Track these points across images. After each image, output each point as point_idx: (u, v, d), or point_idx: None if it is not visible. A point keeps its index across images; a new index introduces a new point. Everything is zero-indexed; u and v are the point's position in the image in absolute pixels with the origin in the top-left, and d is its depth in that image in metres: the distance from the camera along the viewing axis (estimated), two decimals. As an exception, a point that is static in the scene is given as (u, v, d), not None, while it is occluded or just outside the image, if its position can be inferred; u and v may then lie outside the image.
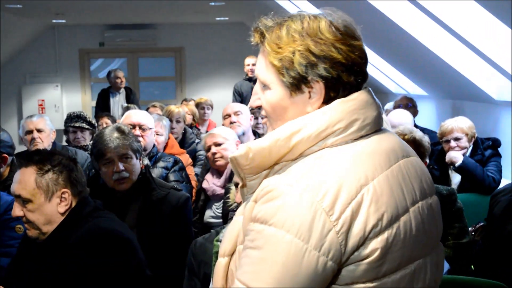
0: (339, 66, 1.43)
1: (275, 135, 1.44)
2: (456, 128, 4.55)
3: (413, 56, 6.53)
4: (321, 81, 1.43)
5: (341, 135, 1.42)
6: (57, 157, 2.47)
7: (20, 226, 3.07)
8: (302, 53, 1.42)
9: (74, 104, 11.42)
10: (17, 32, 10.44)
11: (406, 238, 1.39)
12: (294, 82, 1.44)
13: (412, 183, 1.46)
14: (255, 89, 1.55)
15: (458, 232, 3.36)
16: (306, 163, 1.40)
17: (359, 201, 1.34)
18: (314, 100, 1.45)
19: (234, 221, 1.56)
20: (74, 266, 2.30)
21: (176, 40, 11.90)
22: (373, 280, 1.36)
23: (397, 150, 1.48)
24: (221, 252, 1.55)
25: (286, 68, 1.44)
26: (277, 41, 1.45)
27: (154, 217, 3.09)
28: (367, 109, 1.46)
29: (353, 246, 1.33)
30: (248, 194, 1.52)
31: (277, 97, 1.48)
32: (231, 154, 1.49)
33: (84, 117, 5.39)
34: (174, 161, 4.15)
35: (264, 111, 1.53)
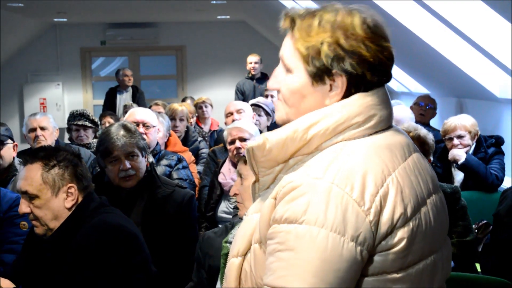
0: (365, 64, 1.41)
1: (293, 125, 1.43)
2: (459, 126, 4.54)
3: (415, 54, 6.52)
4: (344, 76, 1.42)
5: (359, 129, 1.42)
6: (62, 152, 2.47)
7: (25, 223, 3.07)
8: (330, 45, 1.41)
9: (76, 103, 11.42)
10: (19, 30, 10.44)
11: (427, 229, 1.40)
12: (317, 72, 1.43)
13: (425, 175, 1.48)
14: (277, 71, 1.52)
15: (462, 230, 3.36)
16: (327, 155, 1.39)
17: (386, 191, 1.35)
18: (334, 94, 1.44)
19: (247, 220, 1.53)
20: (81, 261, 2.31)
21: (178, 38, 11.90)
22: (399, 271, 1.37)
23: (409, 145, 1.50)
24: (234, 252, 1.52)
25: (312, 57, 1.42)
26: (308, 29, 1.43)
27: (159, 214, 3.09)
28: (383, 105, 1.46)
29: (382, 235, 1.34)
30: (261, 191, 1.51)
31: (298, 83, 1.46)
32: (248, 145, 1.48)
33: (87, 115, 5.39)
34: (178, 159, 4.15)
35: (281, 94, 1.51)
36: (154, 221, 3.06)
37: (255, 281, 1.45)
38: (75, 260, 2.32)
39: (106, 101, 9.47)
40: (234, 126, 4.13)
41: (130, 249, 2.40)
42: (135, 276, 2.39)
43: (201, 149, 5.55)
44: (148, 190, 3.15)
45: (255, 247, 1.45)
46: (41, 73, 11.70)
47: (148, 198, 3.13)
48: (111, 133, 3.12)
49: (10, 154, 3.78)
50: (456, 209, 3.33)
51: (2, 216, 3.11)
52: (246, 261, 1.49)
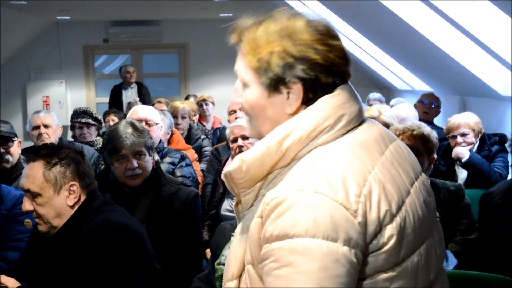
0: (317, 67, 1.41)
1: (265, 142, 1.43)
2: (463, 124, 4.54)
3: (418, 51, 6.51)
4: (299, 82, 1.42)
5: (331, 132, 1.42)
6: (64, 150, 2.47)
7: (29, 221, 3.08)
8: (279, 54, 1.41)
9: (79, 101, 11.42)
10: (22, 28, 10.44)
11: (415, 219, 1.41)
12: (271, 83, 1.43)
13: (405, 164, 1.49)
14: (236, 86, 1.53)
15: (466, 228, 3.35)
16: (305, 164, 1.39)
17: (369, 190, 1.35)
18: (292, 101, 1.44)
19: (236, 242, 1.52)
20: (84, 259, 2.31)
21: (180, 36, 11.90)
22: (394, 267, 1.37)
23: (384, 137, 1.50)
24: (229, 276, 1.51)
25: (263, 69, 1.43)
26: (255, 42, 1.44)
27: (163, 212, 3.09)
28: (352, 103, 1.46)
29: (371, 234, 1.33)
30: (245, 211, 1.51)
31: (255, 96, 1.47)
32: (225, 169, 1.48)
33: (91, 113, 5.39)
34: (181, 157, 4.15)
35: (244, 109, 1.52)
36: (158, 219, 3.06)
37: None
38: (79, 258, 2.32)
39: (111, 98, 9.52)
40: (236, 124, 4.13)
41: (134, 248, 2.40)
42: (139, 274, 2.39)
43: (204, 147, 5.55)
44: (154, 188, 3.15)
45: (249, 268, 1.44)
46: (44, 71, 11.70)
47: (153, 196, 3.13)
48: (119, 131, 3.11)
49: (17, 151, 3.79)
50: (460, 207, 3.32)
51: (6, 214, 3.12)
52: (242, 282, 1.47)
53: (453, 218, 3.28)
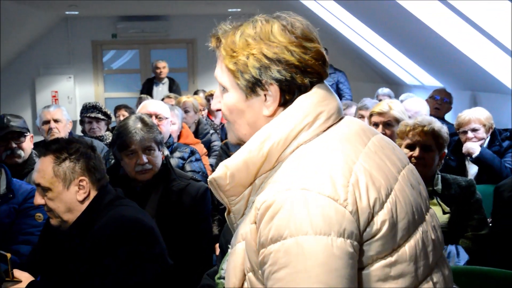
0: (292, 68, 1.45)
1: (246, 147, 1.46)
2: (474, 119, 4.52)
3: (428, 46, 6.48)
4: (275, 84, 1.46)
5: (311, 129, 1.45)
6: (75, 145, 2.48)
7: (40, 214, 3.09)
8: (255, 57, 1.45)
9: (87, 96, 11.45)
10: (31, 24, 10.47)
11: (406, 204, 1.43)
12: (248, 85, 1.47)
13: (390, 154, 1.51)
14: (216, 92, 1.57)
15: (477, 224, 3.33)
16: (289, 165, 1.41)
17: (356, 179, 1.37)
18: (269, 103, 1.48)
19: (233, 252, 1.52)
20: (97, 253, 2.31)
21: (189, 31, 11.89)
22: (392, 252, 1.38)
23: (365, 130, 1.54)
24: (230, 287, 1.50)
25: (240, 71, 1.47)
26: (232, 46, 1.48)
27: (173, 207, 3.09)
28: (329, 100, 1.49)
29: (364, 222, 1.35)
30: (237, 220, 1.52)
31: (233, 99, 1.51)
32: (210, 177, 1.50)
33: (100, 107, 5.40)
34: (191, 151, 4.15)
35: (223, 114, 1.55)
36: (168, 214, 3.07)
37: None
38: (91, 252, 2.33)
39: (142, 92, 9.55)
40: None
41: (146, 242, 2.41)
42: (152, 268, 2.39)
43: (213, 142, 5.55)
44: (163, 183, 3.15)
45: (250, 276, 1.44)
46: (52, 66, 11.72)
47: (163, 191, 3.13)
48: (128, 126, 3.11)
49: (30, 146, 3.80)
50: (471, 202, 3.30)
51: (18, 208, 3.13)
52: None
53: (464, 213, 3.27)
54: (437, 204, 3.21)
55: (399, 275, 1.39)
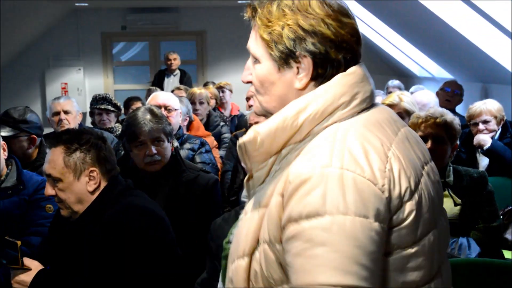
0: (327, 41, 1.43)
1: (281, 114, 1.44)
2: (485, 111, 4.49)
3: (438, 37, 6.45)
4: (309, 56, 1.43)
5: (347, 109, 1.43)
6: (86, 136, 2.48)
7: (50, 206, 3.09)
8: (291, 27, 1.43)
9: (97, 88, 11.46)
10: (40, 16, 10.48)
11: (430, 198, 1.42)
12: (282, 56, 1.45)
13: (416, 149, 1.50)
14: (247, 64, 1.55)
15: (488, 216, 3.32)
16: (325, 140, 1.39)
17: (391, 166, 1.36)
18: (301, 76, 1.45)
19: (247, 219, 1.50)
20: (107, 243, 2.32)
21: (198, 23, 11.87)
22: (413, 244, 1.38)
23: (396, 120, 1.52)
24: (240, 253, 1.48)
25: (275, 41, 1.45)
26: (268, 16, 1.46)
27: (183, 199, 3.09)
28: (365, 82, 1.48)
29: (393, 209, 1.34)
30: (256, 187, 1.50)
31: (265, 70, 1.48)
32: (239, 140, 1.48)
33: (110, 99, 5.40)
34: (201, 143, 4.15)
35: (253, 85, 1.53)
36: (178, 205, 3.06)
37: (267, 281, 1.42)
38: (102, 242, 2.33)
39: (153, 83, 9.58)
40: (253, 111, 4.12)
41: (156, 232, 2.41)
42: (162, 258, 2.39)
43: (224, 134, 5.55)
44: (173, 174, 3.15)
45: (265, 248, 1.41)
46: (62, 58, 11.74)
47: (173, 182, 3.13)
48: (137, 117, 3.11)
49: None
50: (483, 194, 3.28)
51: (28, 199, 3.13)
52: (255, 261, 1.45)
53: (475, 205, 3.25)
54: (448, 196, 3.20)
55: (415, 268, 1.38)
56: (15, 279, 2.37)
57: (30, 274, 2.36)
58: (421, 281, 1.40)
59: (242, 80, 1.58)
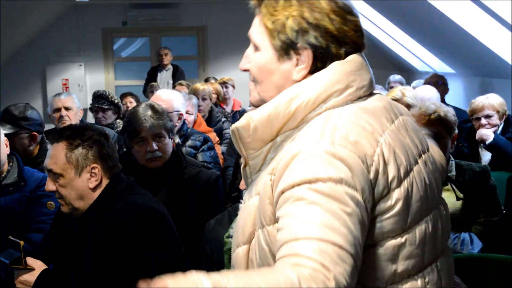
0: (329, 36, 1.45)
1: (274, 101, 1.45)
2: (487, 105, 4.48)
3: (439, 32, 6.44)
4: (309, 49, 1.45)
5: (341, 96, 1.45)
6: (88, 132, 2.47)
7: (52, 203, 3.09)
8: (295, 19, 1.44)
9: (98, 83, 11.44)
10: (41, 11, 10.46)
11: (422, 187, 1.43)
12: (283, 46, 1.46)
13: (414, 137, 1.51)
14: (247, 52, 1.56)
15: (490, 210, 3.32)
16: (317, 124, 1.40)
17: (381, 152, 1.37)
18: (300, 68, 1.46)
19: (244, 208, 1.52)
20: (110, 241, 2.31)
21: (199, 19, 11.85)
22: (402, 233, 1.39)
23: (393, 108, 1.53)
24: (238, 241, 1.51)
25: (278, 31, 1.46)
26: (274, 5, 1.47)
27: (185, 195, 3.09)
28: (363, 71, 1.49)
29: (378, 195, 1.36)
30: (252, 175, 1.51)
31: (265, 59, 1.50)
32: (232, 126, 1.49)
33: (106, 96, 5.41)
34: (204, 139, 4.12)
35: (251, 73, 1.54)
36: (180, 202, 3.06)
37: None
38: (104, 240, 2.32)
39: (147, 79, 9.63)
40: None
41: (159, 230, 2.40)
42: (164, 256, 2.38)
43: (225, 130, 5.53)
44: (174, 170, 3.15)
45: (259, 234, 1.43)
46: (63, 54, 11.72)
47: (174, 178, 3.13)
48: (138, 113, 3.10)
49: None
50: (485, 188, 3.28)
51: (29, 196, 3.13)
52: (251, 250, 1.47)
53: (478, 199, 3.25)
54: (450, 190, 3.19)
55: (407, 257, 1.40)
56: (19, 279, 2.36)
57: (33, 274, 2.35)
58: (413, 270, 1.42)
59: (240, 67, 1.59)
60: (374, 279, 1.38)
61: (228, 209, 2.65)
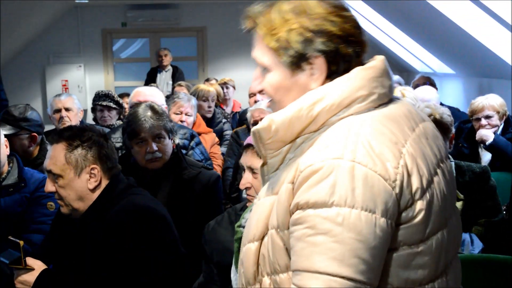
0: (335, 38, 1.44)
1: (297, 104, 1.44)
2: (487, 106, 4.48)
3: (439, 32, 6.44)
4: (321, 56, 1.44)
5: (364, 103, 1.43)
6: (88, 133, 2.47)
7: (52, 204, 3.09)
8: (297, 31, 1.43)
9: (97, 84, 11.44)
10: (40, 12, 10.45)
11: (441, 198, 1.42)
12: (293, 61, 1.46)
13: (433, 146, 1.49)
14: (255, 73, 1.55)
15: (490, 210, 3.31)
16: (338, 132, 1.39)
17: (404, 163, 1.36)
18: (316, 76, 1.46)
19: (259, 204, 1.52)
20: (110, 242, 2.31)
21: (198, 19, 11.85)
22: (419, 243, 1.38)
23: (414, 115, 1.51)
24: (250, 237, 1.51)
25: (283, 48, 1.45)
26: (270, 24, 1.46)
27: (185, 196, 3.09)
28: (384, 77, 1.48)
29: (403, 206, 1.35)
30: (270, 173, 1.52)
31: (278, 78, 1.49)
32: (254, 128, 1.48)
33: (112, 96, 5.39)
34: (190, 135, 4.07)
35: (267, 94, 1.53)
36: (180, 203, 3.06)
37: (273, 266, 1.45)
38: (104, 241, 2.32)
39: (147, 80, 9.63)
40: (256, 108, 4.11)
41: (159, 231, 2.40)
42: (164, 257, 2.38)
43: (225, 131, 5.53)
44: (174, 171, 3.14)
45: (272, 233, 1.44)
46: (62, 54, 11.72)
47: (174, 179, 3.12)
48: (138, 114, 3.10)
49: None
50: (485, 189, 3.28)
51: (29, 196, 3.13)
52: (263, 246, 1.48)
53: (478, 200, 3.24)
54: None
55: (420, 266, 1.39)
56: (18, 279, 2.36)
57: (33, 274, 2.35)
58: (424, 279, 1.41)
59: (252, 90, 1.58)
60: (384, 283, 1.38)
61: (227, 210, 2.65)
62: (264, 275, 1.48)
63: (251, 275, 1.50)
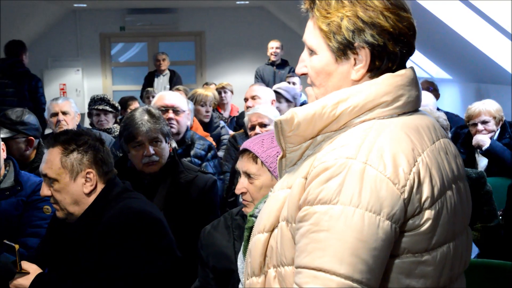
0: (386, 34, 1.44)
1: (322, 101, 1.45)
2: (484, 111, 4.49)
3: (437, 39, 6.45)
4: (367, 48, 1.44)
5: (387, 108, 1.44)
6: (84, 137, 2.47)
7: (48, 207, 3.09)
8: (350, 19, 1.44)
9: (95, 88, 11.45)
10: (39, 16, 10.47)
11: (451, 212, 1.42)
12: (340, 47, 1.46)
13: (452, 162, 1.49)
14: (302, 56, 1.56)
15: (486, 215, 3.33)
16: (357, 134, 1.41)
17: (417, 170, 1.37)
18: (358, 67, 1.46)
19: (273, 196, 1.55)
20: (105, 246, 2.31)
21: (197, 24, 11.87)
22: (424, 252, 1.39)
23: (436, 129, 1.52)
24: (260, 228, 1.54)
25: (333, 32, 1.46)
26: (326, 7, 1.47)
27: (181, 200, 3.09)
28: (412, 87, 1.48)
29: (410, 214, 1.36)
30: (287, 167, 1.53)
31: (323, 62, 1.49)
32: (276, 118, 1.50)
33: (108, 100, 5.40)
34: (208, 147, 4.02)
35: (309, 77, 1.54)
36: (176, 206, 3.06)
37: (280, 258, 1.47)
38: (100, 245, 2.32)
39: (144, 85, 9.62)
40: (254, 112, 4.10)
41: (154, 234, 2.40)
42: (160, 260, 2.38)
43: (223, 135, 5.53)
44: (171, 175, 3.14)
45: (282, 225, 1.46)
46: (61, 58, 11.73)
47: (171, 183, 3.12)
48: (135, 118, 3.10)
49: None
50: (481, 194, 3.29)
51: (26, 200, 3.13)
52: (273, 237, 1.50)
53: (474, 205, 3.23)
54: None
55: (422, 276, 1.40)
56: (14, 283, 2.36)
57: (28, 277, 2.35)
58: None
59: (296, 72, 1.59)
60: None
61: (224, 215, 2.65)
62: (270, 267, 1.50)
63: (257, 266, 1.53)
